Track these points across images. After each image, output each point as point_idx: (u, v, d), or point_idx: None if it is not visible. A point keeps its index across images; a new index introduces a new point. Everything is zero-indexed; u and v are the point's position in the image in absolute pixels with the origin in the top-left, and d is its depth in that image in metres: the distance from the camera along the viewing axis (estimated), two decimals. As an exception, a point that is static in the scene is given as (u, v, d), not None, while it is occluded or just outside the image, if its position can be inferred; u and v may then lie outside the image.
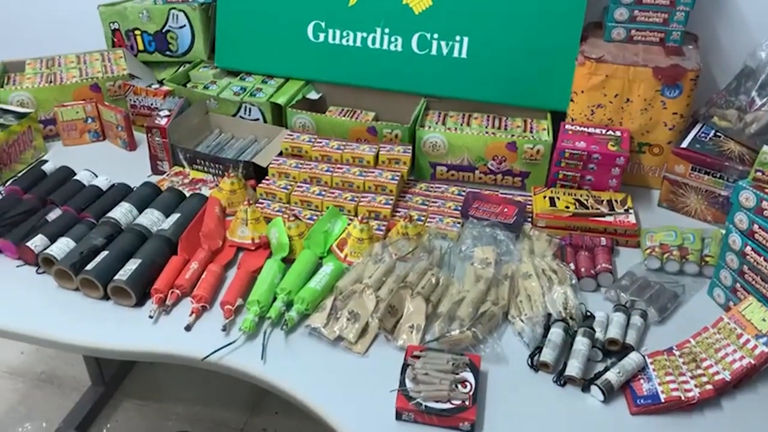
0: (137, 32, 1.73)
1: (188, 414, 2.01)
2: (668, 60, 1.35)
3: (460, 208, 1.34)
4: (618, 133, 1.38)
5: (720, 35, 1.51)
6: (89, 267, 1.13)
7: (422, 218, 1.33)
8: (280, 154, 1.47)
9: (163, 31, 1.71)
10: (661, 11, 1.38)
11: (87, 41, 1.78)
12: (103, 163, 1.50)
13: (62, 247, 1.19)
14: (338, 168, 1.41)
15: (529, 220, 1.32)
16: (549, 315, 1.08)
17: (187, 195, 1.36)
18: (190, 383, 2.10)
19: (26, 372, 2.15)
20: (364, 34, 1.57)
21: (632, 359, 1.00)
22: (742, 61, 1.38)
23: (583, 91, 1.40)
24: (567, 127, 1.41)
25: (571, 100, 1.43)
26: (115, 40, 1.76)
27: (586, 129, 1.40)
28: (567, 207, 1.31)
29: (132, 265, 1.14)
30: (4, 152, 1.45)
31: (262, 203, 1.37)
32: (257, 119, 1.58)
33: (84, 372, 2.07)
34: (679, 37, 1.40)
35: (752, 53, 1.34)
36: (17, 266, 1.22)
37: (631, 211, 1.31)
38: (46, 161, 1.46)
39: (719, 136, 1.35)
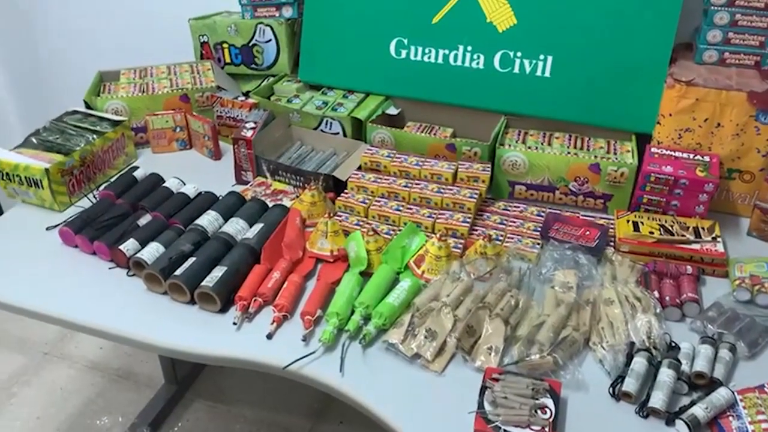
0: (225, 45, 1.79)
1: (255, 418, 2.06)
2: (764, 84, 1.30)
3: (539, 229, 1.33)
4: (707, 159, 1.34)
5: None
6: (178, 272, 1.18)
7: (500, 238, 1.32)
8: (359, 168, 1.49)
9: (250, 44, 1.77)
10: (758, 34, 1.34)
11: (177, 53, 1.86)
12: (189, 171, 1.56)
13: (152, 251, 1.24)
14: (416, 184, 1.42)
15: (612, 244, 1.30)
16: (632, 344, 1.06)
17: (270, 205, 1.40)
18: (257, 387, 2.14)
19: (104, 367, 2.25)
20: (446, 51, 1.58)
21: (721, 395, 0.97)
22: None
23: (671, 114, 1.36)
24: (653, 150, 1.37)
25: (658, 123, 1.40)
26: (203, 52, 1.83)
27: (673, 153, 1.36)
28: (651, 232, 1.28)
29: (218, 272, 1.18)
30: (99, 158, 1.53)
31: (341, 216, 1.39)
32: (337, 133, 1.61)
33: (158, 370, 2.14)
34: (776, 61, 1.36)
35: None
36: (109, 268, 1.28)
37: (719, 239, 1.26)
38: (137, 167, 1.53)
39: (817, 165, 1.29)
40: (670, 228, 1.29)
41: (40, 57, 2.36)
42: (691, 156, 1.35)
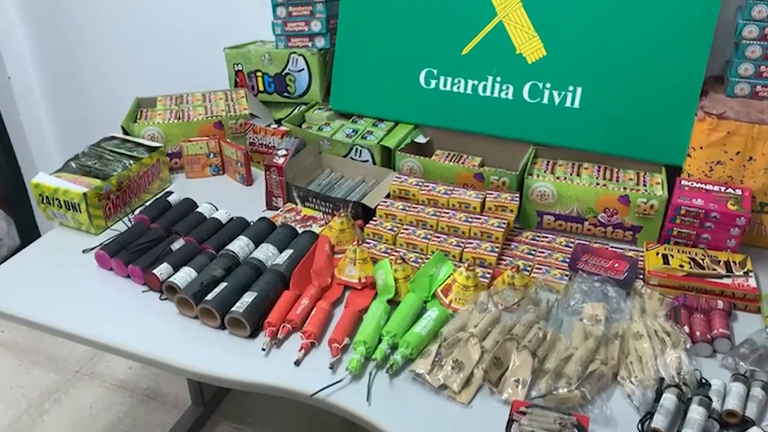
0: (258, 74, 1.84)
1: (280, 442, 2.07)
2: (797, 118, 1.30)
3: (567, 260, 1.33)
4: (738, 192, 1.33)
5: None
6: (209, 297, 1.20)
7: (528, 268, 1.32)
8: (388, 196, 1.51)
9: (283, 73, 1.81)
10: (791, 67, 1.33)
11: (213, 80, 1.91)
12: (221, 196, 1.59)
13: (185, 276, 1.27)
14: (444, 213, 1.43)
15: (641, 277, 1.29)
16: (662, 379, 1.04)
17: (300, 232, 1.42)
18: (283, 410, 2.15)
19: (133, 386, 2.28)
20: (475, 82, 1.59)
21: (753, 435, 0.95)
22: None
23: (702, 147, 1.36)
24: (683, 182, 1.37)
25: (689, 155, 1.39)
26: (237, 80, 1.88)
27: (703, 186, 1.35)
28: (681, 266, 1.27)
29: (248, 297, 1.20)
30: (135, 183, 1.57)
31: (369, 243, 1.41)
32: (367, 161, 1.63)
33: (185, 391, 2.17)
34: (809, 94, 1.34)
35: None
36: (143, 291, 1.31)
37: (751, 274, 1.25)
38: (171, 192, 1.56)
39: None
40: (700, 261, 1.28)
41: (80, 84, 2.44)
42: (723, 189, 1.34)
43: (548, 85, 1.53)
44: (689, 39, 1.40)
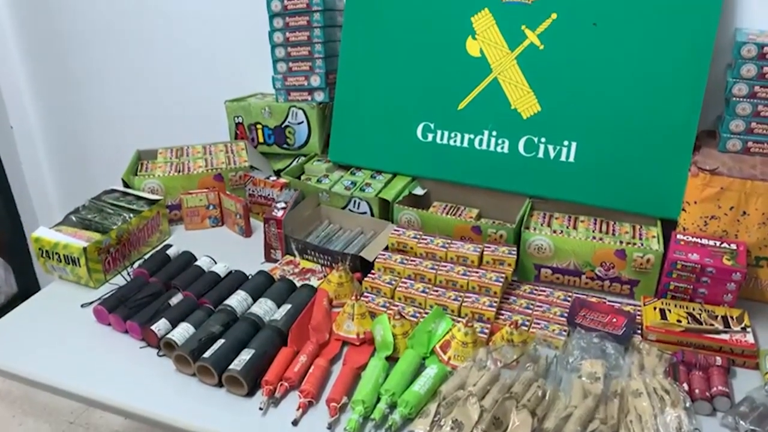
0: (258, 126, 1.86)
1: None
2: (789, 174, 1.32)
3: (566, 314, 1.33)
4: (734, 246, 1.34)
5: None
6: (207, 354, 1.20)
7: (527, 323, 1.32)
8: (386, 248, 1.51)
9: (283, 126, 1.84)
10: (781, 124, 1.36)
11: (213, 132, 1.94)
12: (220, 248, 1.60)
13: (183, 332, 1.27)
14: (442, 266, 1.44)
15: (639, 332, 1.29)
16: (662, 439, 1.04)
17: (298, 285, 1.43)
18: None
19: (128, 438, 2.25)
20: (472, 136, 1.62)
21: (755, 498, 0.94)
22: None
23: (696, 202, 1.38)
24: (679, 237, 1.38)
25: (683, 210, 1.41)
26: (238, 132, 1.90)
27: (699, 240, 1.37)
28: (679, 321, 1.27)
29: (246, 355, 1.20)
30: (134, 236, 1.58)
31: (367, 297, 1.41)
32: (365, 213, 1.65)
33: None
34: (800, 150, 1.37)
35: None
36: (141, 347, 1.31)
37: (748, 329, 1.25)
38: (170, 245, 1.57)
39: None
40: (698, 316, 1.28)
41: (82, 134, 2.47)
42: (718, 244, 1.35)
43: (543, 140, 1.55)
44: (681, 95, 1.43)
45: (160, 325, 1.29)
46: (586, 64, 1.50)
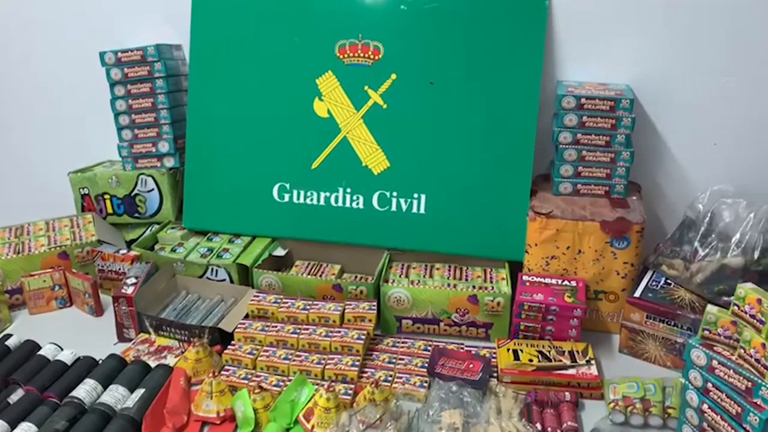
0: (106, 196, 1.78)
1: None
2: (614, 213, 1.43)
3: (426, 365, 1.36)
4: (573, 283, 1.43)
5: (661, 184, 1.62)
6: (49, 458, 1.11)
7: (389, 378, 1.33)
8: (247, 316, 1.48)
9: (132, 194, 1.77)
10: (603, 167, 1.48)
11: (57, 206, 1.82)
12: (69, 331, 1.51)
13: (22, 434, 1.17)
14: (304, 329, 1.42)
15: (495, 375, 1.34)
16: (518, 484, 1.07)
17: (153, 366, 1.36)
18: None
19: None
20: (327, 194, 1.64)
21: None
22: (683, 210, 1.46)
23: (536, 244, 1.46)
24: (524, 278, 1.46)
25: (527, 252, 1.49)
26: (84, 204, 1.81)
27: (543, 279, 1.45)
28: (531, 360, 1.33)
29: (93, 452, 1.12)
30: (-32, 328, 1.44)
31: (228, 370, 1.37)
32: (224, 279, 1.61)
33: None
34: (622, 189, 1.50)
35: (691, 205, 1.43)
36: (-26, 457, 1.19)
37: (592, 362, 1.33)
38: (10, 335, 1.45)
39: (669, 284, 1.41)
40: (547, 354, 1.35)
41: None
42: (560, 282, 1.44)
43: (395, 194, 1.60)
44: (514, 144, 1.53)
45: (-5, 430, 1.18)
46: (427, 121, 1.57)
